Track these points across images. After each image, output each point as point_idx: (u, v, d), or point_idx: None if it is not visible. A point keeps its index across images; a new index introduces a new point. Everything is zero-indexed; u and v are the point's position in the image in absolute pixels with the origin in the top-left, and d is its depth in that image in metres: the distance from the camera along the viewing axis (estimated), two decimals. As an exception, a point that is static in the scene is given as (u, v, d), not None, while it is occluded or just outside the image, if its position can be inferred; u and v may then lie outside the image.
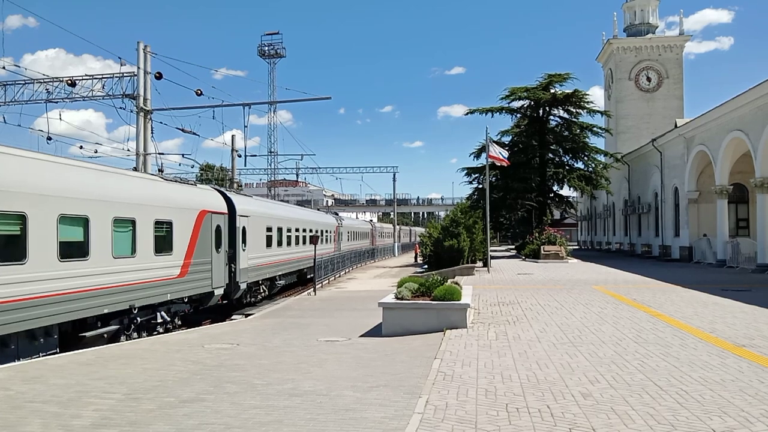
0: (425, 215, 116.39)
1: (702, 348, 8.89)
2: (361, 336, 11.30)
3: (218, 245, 17.38)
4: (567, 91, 41.05)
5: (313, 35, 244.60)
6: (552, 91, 40.97)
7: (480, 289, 18.07)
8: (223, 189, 20.16)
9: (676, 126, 35.95)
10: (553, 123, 42.76)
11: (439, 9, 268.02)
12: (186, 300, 15.71)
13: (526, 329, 10.85)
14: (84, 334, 11.73)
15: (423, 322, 10.98)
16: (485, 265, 28.20)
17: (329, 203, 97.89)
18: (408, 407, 6.10)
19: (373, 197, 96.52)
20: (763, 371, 7.35)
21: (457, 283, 12.72)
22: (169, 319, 14.63)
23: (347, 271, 32.58)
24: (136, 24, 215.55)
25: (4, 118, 24.08)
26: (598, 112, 43.57)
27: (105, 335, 12.40)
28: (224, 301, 18.67)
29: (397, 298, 11.52)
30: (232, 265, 18.50)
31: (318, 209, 51.86)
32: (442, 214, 73.82)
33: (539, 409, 5.92)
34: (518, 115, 43.27)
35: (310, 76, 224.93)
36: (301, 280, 28.10)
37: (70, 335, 11.49)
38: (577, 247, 63.81)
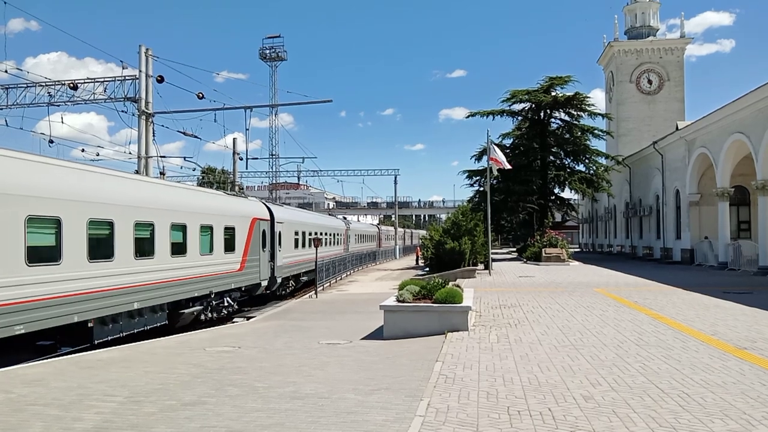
0: (426, 218, 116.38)
1: (704, 350, 8.88)
2: (363, 339, 11.30)
3: (264, 246, 21.13)
4: (568, 93, 41.00)
5: (315, 38, 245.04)
6: (553, 93, 40.94)
7: (481, 291, 18.06)
8: (264, 201, 24.51)
9: (677, 128, 35.92)
10: (554, 126, 42.72)
11: (440, 12, 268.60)
12: (242, 289, 19.37)
13: (528, 332, 10.84)
14: (182, 311, 15.37)
15: (424, 324, 10.97)
16: (486, 267, 28.16)
17: (330, 206, 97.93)
18: (409, 410, 6.10)
19: (374, 200, 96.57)
20: (765, 374, 7.33)
21: (458, 286, 12.71)
22: (232, 302, 18.36)
23: (349, 273, 32.61)
24: (138, 27, 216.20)
25: (6, 121, 24.15)
26: (599, 114, 43.56)
27: (194, 313, 16.06)
28: (267, 291, 22.15)
29: (399, 301, 11.51)
30: (271, 262, 21.97)
31: (330, 214, 54.57)
32: (444, 216, 73.84)
33: (541, 412, 5.91)
34: (519, 118, 43.22)
35: (311, 79, 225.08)
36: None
37: (172, 313, 14.98)
38: (578, 249, 63.76)
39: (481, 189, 41.99)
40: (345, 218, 48.48)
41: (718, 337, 9.99)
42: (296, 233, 26.40)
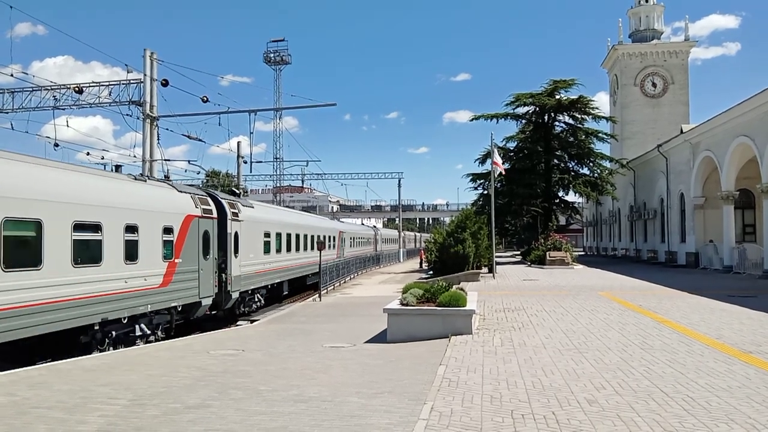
0: (430, 221, 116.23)
1: (708, 354, 8.84)
2: (366, 342, 11.29)
3: (342, 246, 38.34)
4: (572, 96, 40.88)
5: (319, 42, 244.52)
6: (557, 97, 40.79)
7: (485, 295, 18.03)
8: (338, 220, 46.92)
9: (681, 131, 35.85)
10: (559, 129, 42.57)
11: (444, 16, 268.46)
12: None
13: (532, 335, 10.82)
14: (308, 283, 28.12)
15: (428, 328, 10.96)
16: (490, 271, 28.15)
17: (334, 209, 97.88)
18: (413, 414, 6.09)
19: (378, 203, 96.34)
20: (771, 378, 7.29)
21: (462, 289, 12.71)
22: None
23: (352, 277, 32.61)
24: (143, 32, 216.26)
25: (12, 124, 24.22)
26: (604, 117, 43.41)
27: (309, 283, 28.46)
28: None
29: (402, 304, 11.51)
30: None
31: (362, 223, 71.74)
32: (447, 219, 73.74)
33: (545, 416, 5.90)
34: (523, 121, 43.13)
35: (315, 82, 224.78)
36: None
37: (308, 279, 28.49)
38: (582, 253, 63.55)
39: (485, 192, 41.96)
40: (375, 227, 68.31)
41: (723, 340, 9.95)
42: (350, 238, 44.23)
